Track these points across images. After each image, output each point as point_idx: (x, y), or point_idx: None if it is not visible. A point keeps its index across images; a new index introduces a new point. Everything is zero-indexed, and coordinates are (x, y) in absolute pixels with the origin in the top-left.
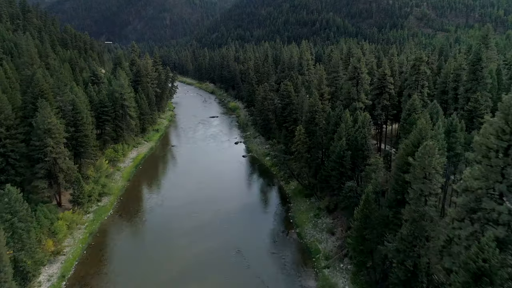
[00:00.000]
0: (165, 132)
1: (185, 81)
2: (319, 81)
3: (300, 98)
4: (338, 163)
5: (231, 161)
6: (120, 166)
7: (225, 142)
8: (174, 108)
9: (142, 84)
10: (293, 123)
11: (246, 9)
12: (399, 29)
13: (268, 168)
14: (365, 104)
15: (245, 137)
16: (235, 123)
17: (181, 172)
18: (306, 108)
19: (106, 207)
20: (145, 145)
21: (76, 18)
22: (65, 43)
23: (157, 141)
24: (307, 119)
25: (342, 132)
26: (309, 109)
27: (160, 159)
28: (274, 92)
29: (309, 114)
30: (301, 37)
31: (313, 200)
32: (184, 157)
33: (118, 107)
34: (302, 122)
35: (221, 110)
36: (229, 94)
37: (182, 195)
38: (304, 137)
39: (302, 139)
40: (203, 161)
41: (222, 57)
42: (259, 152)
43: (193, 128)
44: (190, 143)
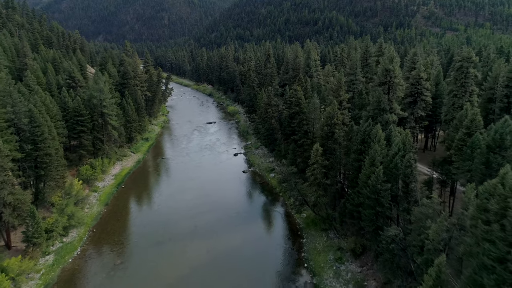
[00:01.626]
0: (156, 141)
1: (182, 83)
2: (337, 86)
3: (311, 106)
4: (373, 199)
5: (230, 178)
6: (97, 186)
7: (223, 153)
8: (168, 113)
9: (130, 87)
10: (304, 136)
11: (245, 8)
12: (406, 28)
13: (273, 187)
14: (399, 116)
15: (245, 147)
16: (234, 130)
17: (170, 193)
18: (322, 120)
19: (73, 244)
20: (132, 158)
21: (73, 17)
22: (50, 42)
23: (146, 152)
24: (324, 134)
25: (375, 156)
26: (326, 121)
27: (147, 175)
28: (279, 97)
29: (327, 128)
30: (303, 37)
31: (331, 235)
32: (175, 173)
33: (97, 116)
34: (318, 138)
35: (219, 114)
36: (228, 96)
37: (169, 226)
38: (322, 159)
39: (320, 162)
40: (197, 178)
41: (221, 57)
42: (262, 166)
43: (188, 136)
44: (183, 155)
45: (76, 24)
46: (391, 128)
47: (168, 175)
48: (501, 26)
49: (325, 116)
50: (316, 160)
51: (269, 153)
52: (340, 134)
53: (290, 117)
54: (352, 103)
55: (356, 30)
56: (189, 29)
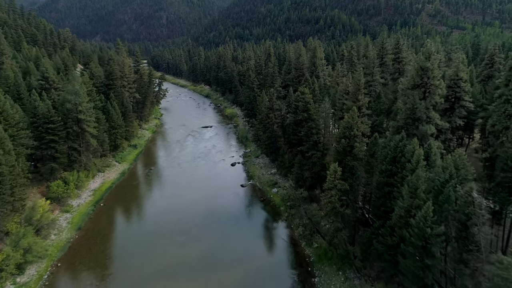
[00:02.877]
0: (145, 148)
1: (178, 83)
2: (355, 88)
3: (322, 112)
4: (419, 247)
5: (226, 195)
6: (71, 206)
7: (219, 162)
8: (161, 116)
9: (116, 88)
10: (313, 147)
11: (245, 7)
12: (411, 26)
13: (276, 206)
14: (437, 127)
15: (244, 155)
16: (232, 135)
17: (155, 214)
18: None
19: (29, 285)
20: (116, 169)
21: (70, 17)
22: (35, 40)
23: (133, 161)
24: (341, 148)
25: (418, 185)
26: (344, 132)
27: (131, 190)
28: (281, 100)
29: (345, 141)
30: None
31: (351, 275)
32: (163, 189)
33: (72, 122)
34: (333, 153)
35: (216, 118)
36: (226, 98)
37: (153, 257)
38: (342, 183)
39: (339, 187)
40: (189, 195)
41: (219, 56)
42: (262, 179)
43: (181, 142)
44: (175, 165)
45: (74, 23)
46: (431, 144)
47: (155, 190)
48: (509, 25)
49: (343, 126)
50: (334, 184)
51: (271, 163)
52: (361, 148)
53: (296, 123)
54: (368, 108)
55: (359, 28)
56: (188, 28)
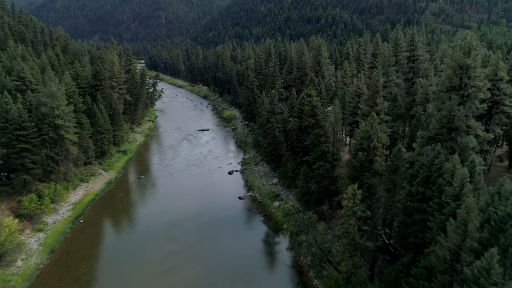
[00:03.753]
0: (136, 154)
1: (176, 83)
2: (373, 91)
3: (332, 117)
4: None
5: (222, 209)
6: (45, 223)
7: (216, 170)
8: (156, 118)
9: (103, 89)
10: (321, 158)
11: (244, 6)
12: (415, 25)
13: (278, 223)
14: (479, 139)
15: (243, 162)
16: (230, 139)
17: (142, 232)
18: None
19: None
20: (101, 178)
21: (68, 16)
22: (23, 38)
23: (121, 169)
24: (358, 162)
25: (469, 218)
26: (361, 143)
27: (116, 204)
28: (283, 102)
29: (363, 155)
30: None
31: None
32: (153, 201)
33: (48, 128)
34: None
35: (214, 120)
36: (224, 99)
37: (138, 285)
38: (363, 209)
39: (359, 214)
40: (181, 208)
41: (217, 56)
42: (263, 190)
43: (176, 147)
44: (167, 173)
45: (72, 23)
46: (474, 161)
47: (143, 204)
48: None
49: (360, 137)
50: (353, 211)
51: (272, 172)
52: (382, 163)
53: (300, 129)
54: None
55: (361, 27)
56: (187, 28)
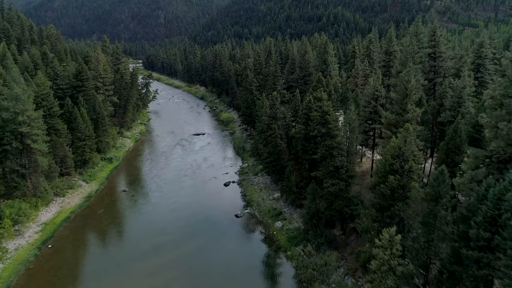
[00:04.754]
0: (123, 163)
1: (173, 84)
2: (403, 94)
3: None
4: None
5: (215, 231)
6: (5, 250)
7: (210, 181)
8: (149, 121)
9: (87, 91)
10: (333, 174)
11: (244, 5)
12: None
13: (281, 248)
14: None
15: (240, 172)
16: (227, 144)
17: (121, 260)
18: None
19: None
20: (81, 191)
21: (66, 16)
22: (8, 36)
23: (104, 180)
24: (388, 191)
25: None
26: (392, 165)
27: (94, 223)
28: (285, 104)
29: (395, 180)
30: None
31: None
32: (136, 220)
33: (10, 137)
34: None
35: (211, 123)
36: (222, 100)
37: None
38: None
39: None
40: (167, 230)
41: (215, 55)
42: (263, 207)
43: (167, 154)
44: (155, 185)
45: (70, 22)
46: None
47: (124, 224)
48: None
49: (390, 155)
50: (390, 266)
51: (273, 184)
52: (419, 190)
53: (307, 138)
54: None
55: (364, 26)
56: (186, 28)
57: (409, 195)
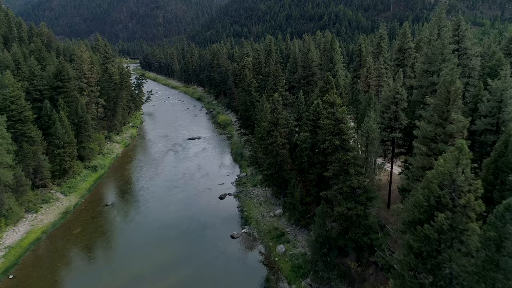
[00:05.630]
0: (108, 171)
1: (169, 84)
2: (444, 100)
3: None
4: None
5: (207, 256)
6: None
7: (204, 193)
8: (141, 124)
9: (68, 92)
10: (349, 196)
11: (243, 4)
12: (424, 22)
13: (285, 278)
14: None
15: (238, 182)
16: (225, 149)
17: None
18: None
19: None
20: (58, 205)
21: (64, 16)
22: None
23: (86, 192)
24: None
25: None
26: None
27: (68, 246)
28: (288, 107)
29: (447, 217)
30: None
31: None
32: (117, 242)
33: None
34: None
35: (207, 126)
36: (220, 102)
37: None
38: None
39: None
40: (151, 254)
41: (213, 54)
42: (262, 225)
43: (158, 161)
44: (142, 198)
45: (68, 22)
46: None
47: (103, 247)
48: None
49: (437, 183)
50: None
51: (274, 198)
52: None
53: (314, 149)
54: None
55: (367, 25)
56: (185, 27)
57: (466, 239)
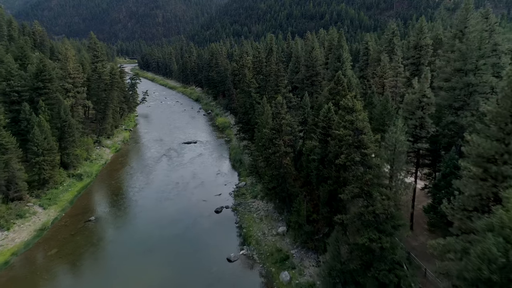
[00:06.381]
0: (96, 180)
1: (167, 84)
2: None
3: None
4: None
5: (198, 286)
6: None
7: (198, 205)
8: (135, 126)
9: (49, 94)
10: (371, 224)
11: (243, 3)
12: (429, 21)
13: None
14: None
15: (236, 193)
16: (223, 155)
17: None
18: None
19: None
20: (34, 220)
21: (63, 15)
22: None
23: (68, 204)
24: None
25: None
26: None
27: (40, 271)
28: (292, 110)
29: None
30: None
31: None
32: (97, 265)
33: None
34: None
35: (205, 128)
36: (219, 103)
37: None
38: None
39: None
40: (137, 283)
41: (211, 53)
42: (264, 246)
43: (150, 168)
44: (129, 212)
45: (67, 22)
46: None
47: (79, 272)
48: None
49: (507, 228)
50: None
51: (276, 213)
52: None
53: (324, 161)
54: None
55: (370, 24)
56: (184, 27)
57: None
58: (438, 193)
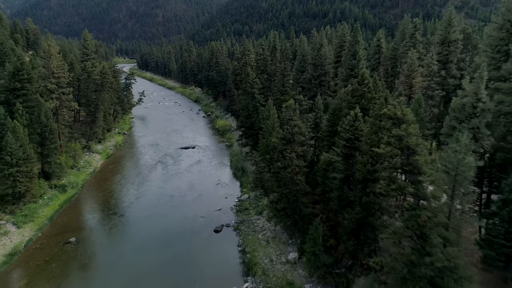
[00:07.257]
0: (81, 191)
1: (166, 84)
2: None
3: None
4: None
5: None
6: None
7: (195, 222)
8: (130, 129)
9: (28, 96)
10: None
11: (244, 2)
12: (436, 19)
13: None
14: None
15: (238, 208)
16: (223, 162)
17: None
18: None
19: None
20: (4, 244)
21: (62, 15)
22: None
23: (46, 221)
24: None
25: None
26: None
27: None
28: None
29: None
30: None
31: None
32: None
33: None
34: None
35: (204, 132)
36: (219, 104)
37: None
38: None
39: None
40: None
41: (212, 52)
42: (271, 277)
43: (143, 176)
44: (115, 232)
45: (66, 21)
46: None
47: None
48: None
49: None
50: None
51: (286, 234)
52: None
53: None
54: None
55: (375, 22)
56: (185, 26)
57: None
58: (496, 223)
